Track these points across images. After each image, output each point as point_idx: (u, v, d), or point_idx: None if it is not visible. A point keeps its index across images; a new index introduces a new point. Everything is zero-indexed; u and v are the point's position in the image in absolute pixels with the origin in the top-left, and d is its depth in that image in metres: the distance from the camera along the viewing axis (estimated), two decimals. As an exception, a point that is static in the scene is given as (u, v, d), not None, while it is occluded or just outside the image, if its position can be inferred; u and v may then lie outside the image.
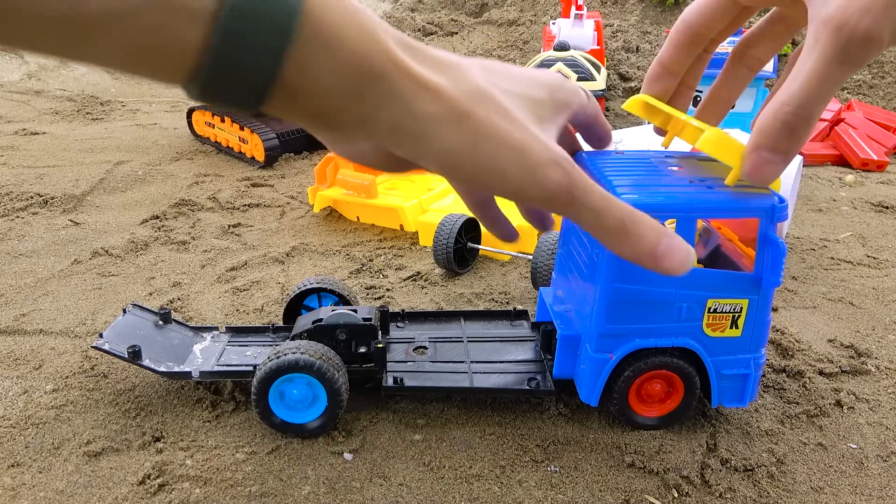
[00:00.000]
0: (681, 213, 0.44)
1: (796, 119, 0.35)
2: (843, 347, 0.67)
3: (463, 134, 0.31)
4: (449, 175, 0.32)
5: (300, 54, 0.26)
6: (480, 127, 0.31)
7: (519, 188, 0.33)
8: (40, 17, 0.22)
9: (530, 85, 0.36)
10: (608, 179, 0.45)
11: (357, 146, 0.31)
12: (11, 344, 0.68)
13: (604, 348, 0.49)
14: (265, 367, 0.51)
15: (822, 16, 0.32)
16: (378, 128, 0.29)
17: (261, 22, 0.24)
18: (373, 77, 0.28)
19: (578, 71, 1.39)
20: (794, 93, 0.35)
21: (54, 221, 1.03)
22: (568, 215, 0.36)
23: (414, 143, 0.30)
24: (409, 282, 0.82)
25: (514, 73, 0.36)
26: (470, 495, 0.48)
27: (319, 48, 0.26)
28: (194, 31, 0.24)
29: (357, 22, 0.27)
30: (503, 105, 0.32)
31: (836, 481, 0.49)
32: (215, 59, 0.24)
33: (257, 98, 0.26)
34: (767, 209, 0.45)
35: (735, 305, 0.48)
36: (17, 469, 0.50)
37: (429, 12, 2.45)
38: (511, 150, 0.32)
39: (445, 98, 0.30)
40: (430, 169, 0.32)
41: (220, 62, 0.24)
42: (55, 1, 0.21)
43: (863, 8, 0.30)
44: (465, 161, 0.31)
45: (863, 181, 1.25)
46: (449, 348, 0.60)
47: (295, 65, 0.26)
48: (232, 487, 0.48)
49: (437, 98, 0.29)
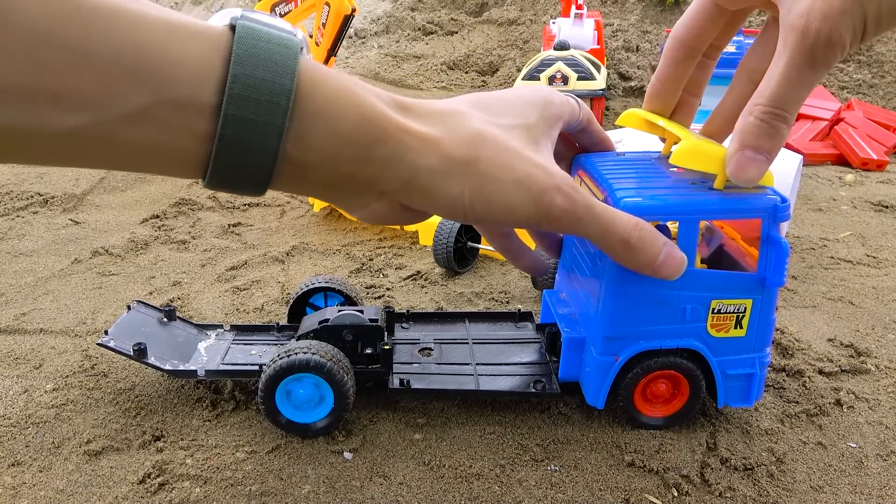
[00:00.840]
0: (683, 216, 0.44)
1: (774, 118, 0.36)
2: (843, 347, 0.67)
3: (468, 179, 0.32)
4: (462, 218, 0.34)
5: (300, 129, 0.27)
6: (483, 169, 0.32)
7: (528, 218, 0.34)
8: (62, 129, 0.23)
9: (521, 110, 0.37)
10: (608, 183, 0.45)
11: (373, 208, 0.33)
12: (11, 343, 0.68)
13: (609, 351, 0.49)
14: (274, 366, 0.51)
15: (788, 22, 0.33)
16: (388, 186, 0.31)
17: (258, 105, 0.25)
18: (373, 141, 0.29)
19: (578, 70, 1.39)
20: (768, 94, 0.36)
21: (54, 221, 1.03)
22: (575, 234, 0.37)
23: (423, 196, 0.32)
24: (409, 281, 0.82)
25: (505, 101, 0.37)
26: (470, 494, 0.48)
27: (318, 122, 0.28)
28: (202, 122, 0.25)
29: (350, 92, 0.29)
30: (501, 142, 0.33)
31: (835, 480, 0.50)
32: (222, 145, 0.26)
33: (266, 175, 0.27)
34: (770, 209, 0.45)
35: (739, 306, 0.48)
36: (17, 468, 0.50)
37: (429, 11, 2.45)
38: (515, 183, 0.33)
39: (446, 149, 0.31)
40: (443, 216, 0.34)
41: (227, 147, 0.26)
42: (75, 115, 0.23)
43: (822, 14, 0.31)
44: (475, 204, 0.32)
45: (863, 180, 1.25)
46: (454, 350, 0.60)
47: (296, 140, 0.27)
48: (232, 486, 0.48)
49: (438, 151, 0.31)
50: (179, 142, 0.25)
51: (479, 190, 0.32)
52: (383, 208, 0.32)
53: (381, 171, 0.30)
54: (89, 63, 0.22)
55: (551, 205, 0.34)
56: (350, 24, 1.45)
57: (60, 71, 0.22)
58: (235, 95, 0.25)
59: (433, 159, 0.30)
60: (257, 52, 0.25)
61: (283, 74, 0.26)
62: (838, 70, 1.83)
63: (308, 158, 0.28)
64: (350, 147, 0.28)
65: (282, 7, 1.48)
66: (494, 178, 0.32)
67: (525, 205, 0.33)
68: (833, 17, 0.31)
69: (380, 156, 0.29)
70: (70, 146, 0.24)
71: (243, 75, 0.25)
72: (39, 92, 0.22)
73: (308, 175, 0.29)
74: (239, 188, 0.27)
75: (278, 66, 0.26)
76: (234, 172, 0.26)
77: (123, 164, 0.26)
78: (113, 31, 0.22)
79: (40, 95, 0.22)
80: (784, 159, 0.84)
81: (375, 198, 0.32)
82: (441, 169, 0.31)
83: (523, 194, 0.33)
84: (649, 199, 0.43)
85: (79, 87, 0.22)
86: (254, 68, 0.25)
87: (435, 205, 0.32)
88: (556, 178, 0.34)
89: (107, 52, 0.22)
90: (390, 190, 0.31)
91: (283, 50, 0.26)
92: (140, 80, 0.23)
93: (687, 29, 0.43)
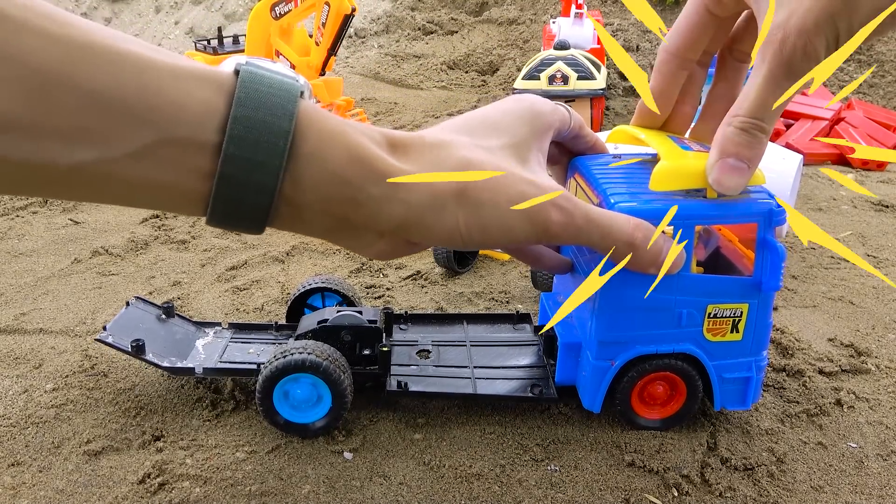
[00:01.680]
0: (679, 221, 0.44)
1: (753, 127, 0.37)
2: (843, 346, 0.67)
3: (461, 209, 0.33)
4: (463, 247, 0.34)
5: (296, 169, 0.28)
6: (474, 197, 0.33)
7: (527, 237, 0.34)
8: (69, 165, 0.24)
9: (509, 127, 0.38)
10: (603, 187, 0.45)
11: (376, 247, 0.33)
12: (11, 343, 0.68)
13: (605, 355, 0.49)
14: (271, 366, 0.51)
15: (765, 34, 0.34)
16: (383, 226, 0.32)
17: (258, 145, 0.26)
18: (363, 180, 0.30)
19: (578, 70, 1.39)
20: (748, 106, 0.37)
21: (54, 220, 1.03)
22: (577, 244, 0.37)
23: (420, 231, 0.32)
24: (409, 281, 0.82)
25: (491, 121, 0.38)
26: (470, 494, 0.48)
27: (311, 162, 0.28)
28: (204, 161, 0.26)
29: (342, 133, 0.29)
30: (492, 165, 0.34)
31: (836, 480, 0.49)
32: (222, 182, 0.27)
33: (264, 214, 0.28)
34: (765, 213, 0.45)
35: (735, 310, 0.48)
36: (17, 468, 0.50)
37: (429, 11, 2.45)
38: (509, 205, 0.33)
39: (437, 184, 0.32)
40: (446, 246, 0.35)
41: (226, 184, 0.27)
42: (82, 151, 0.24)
43: (797, 29, 0.32)
44: (472, 231, 0.33)
45: (863, 180, 1.25)
46: (452, 352, 0.60)
47: (293, 180, 0.28)
48: (232, 486, 0.48)
49: (429, 186, 0.31)
50: (181, 179, 0.26)
51: (474, 218, 0.33)
52: (387, 245, 0.33)
53: (376, 211, 0.31)
54: (96, 102, 0.23)
55: (548, 221, 0.34)
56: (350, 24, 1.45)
57: (68, 109, 0.23)
58: (236, 136, 0.26)
59: (424, 196, 0.31)
60: (258, 95, 0.26)
61: (281, 117, 0.27)
62: (839, 70, 1.83)
63: (303, 198, 0.29)
64: (342, 186, 0.29)
65: (282, 7, 1.47)
66: (487, 203, 0.33)
67: (522, 225, 0.34)
68: (807, 32, 0.32)
69: (372, 195, 0.30)
70: (75, 181, 0.25)
71: (244, 117, 0.26)
72: (47, 128, 0.23)
73: (304, 215, 0.30)
74: (238, 225, 0.28)
75: (278, 109, 0.27)
76: (233, 210, 0.27)
77: (126, 200, 0.27)
78: (119, 73, 0.24)
79: (48, 132, 0.23)
80: (784, 159, 0.84)
81: (376, 237, 0.32)
82: (433, 203, 0.32)
83: (518, 215, 0.34)
84: (643, 204, 0.43)
85: (85, 124, 0.23)
86: (254, 110, 0.26)
87: (434, 238, 0.33)
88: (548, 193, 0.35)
89: (113, 92, 0.23)
90: (388, 229, 0.32)
91: (283, 94, 0.27)
92: (144, 120, 0.24)
93: (680, 38, 0.43)
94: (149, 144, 0.25)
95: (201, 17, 2.90)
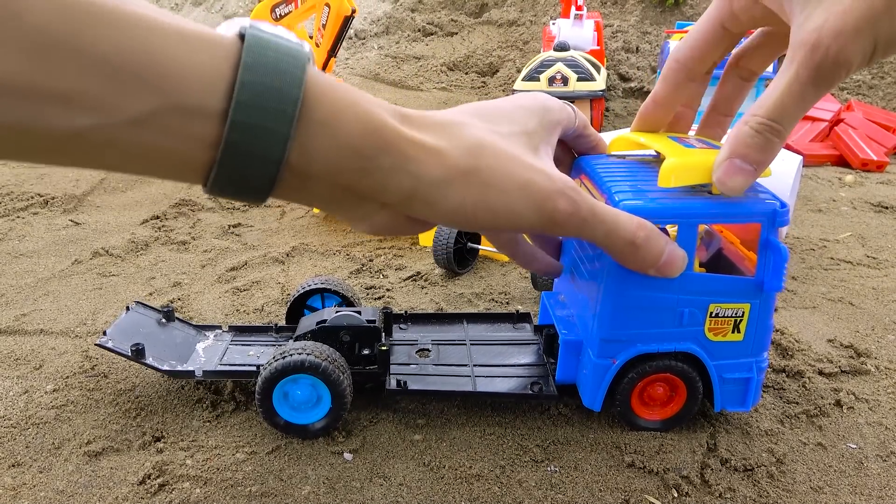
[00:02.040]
0: (682, 220, 0.44)
1: (769, 131, 0.36)
2: (843, 347, 0.67)
3: (470, 188, 0.32)
4: (466, 227, 0.34)
5: (305, 138, 0.27)
6: (484, 178, 0.32)
7: (532, 224, 0.34)
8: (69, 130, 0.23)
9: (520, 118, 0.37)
10: (607, 186, 0.45)
11: (375, 220, 0.33)
12: (12, 344, 0.68)
13: (606, 353, 0.49)
14: (270, 368, 0.51)
15: (798, 37, 0.33)
16: (390, 198, 0.31)
17: (265, 112, 0.25)
18: (376, 151, 0.29)
19: (578, 71, 1.39)
20: (768, 107, 0.36)
21: (55, 221, 1.03)
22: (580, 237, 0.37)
23: (426, 206, 0.32)
24: (409, 282, 0.82)
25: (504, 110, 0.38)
26: (470, 495, 0.48)
27: (322, 131, 0.28)
28: (209, 128, 0.25)
29: (354, 102, 0.29)
30: (501, 150, 0.33)
31: (835, 481, 0.50)
32: (227, 150, 0.26)
33: (269, 183, 0.27)
34: (769, 214, 0.45)
35: (737, 310, 0.48)
36: (17, 469, 0.50)
37: (429, 12, 2.45)
38: (517, 190, 0.33)
39: (447, 160, 0.31)
40: (447, 225, 0.34)
41: (232, 153, 0.26)
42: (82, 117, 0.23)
43: (834, 32, 0.31)
44: (478, 212, 0.32)
45: (862, 181, 1.25)
46: (452, 351, 0.60)
47: (301, 148, 0.27)
48: (232, 487, 0.48)
49: (439, 161, 0.31)
50: (183, 147, 0.25)
51: (482, 198, 0.32)
52: (385, 219, 0.32)
53: (384, 182, 0.30)
54: (98, 66, 0.22)
55: (555, 210, 0.34)
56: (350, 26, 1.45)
57: (69, 72, 0.22)
58: (243, 102, 0.25)
59: (435, 169, 0.31)
60: (266, 60, 0.25)
61: (290, 83, 0.26)
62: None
63: (311, 168, 0.28)
64: (353, 157, 0.28)
65: (282, 8, 1.47)
66: (496, 185, 0.33)
67: (528, 211, 0.34)
68: (845, 36, 0.30)
69: (382, 166, 0.29)
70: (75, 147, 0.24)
71: (251, 83, 0.25)
72: (47, 92, 0.22)
73: (310, 185, 0.29)
74: (241, 195, 0.27)
75: (286, 75, 0.26)
76: (237, 179, 0.26)
77: (126, 167, 0.26)
78: (123, 36, 0.23)
79: (48, 95, 0.22)
80: (784, 160, 0.84)
81: (377, 209, 0.32)
82: (443, 179, 0.31)
83: (526, 200, 0.33)
84: (648, 202, 0.43)
85: (87, 89, 0.22)
86: (262, 76, 0.25)
87: (438, 214, 0.32)
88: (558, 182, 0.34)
89: (116, 55, 0.22)
90: (393, 201, 0.31)
91: (291, 59, 0.26)
92: (148, 85, 0.23)
93: (691, 51, 0.43)
94: (152, 110, 0.24)
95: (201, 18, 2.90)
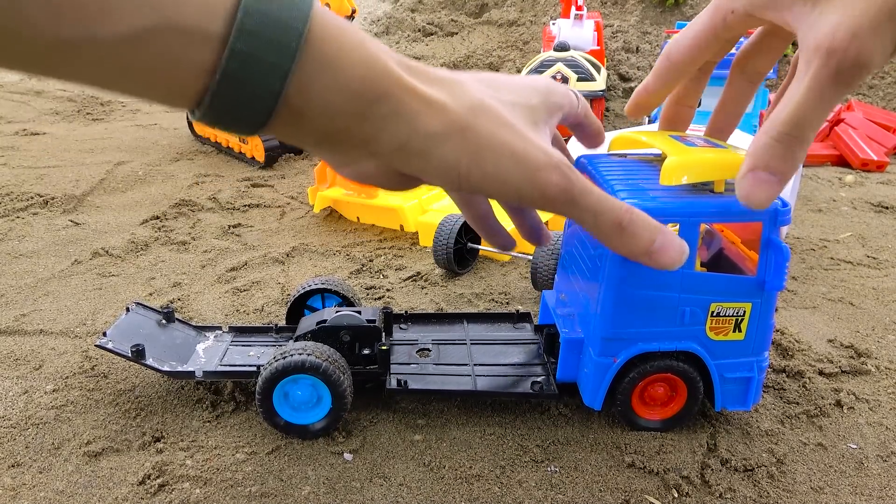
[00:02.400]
0: (683, 218, 0.44)
1: (791, 139, 0.35)
2: (843, 347, 0.67)
3: (465, 146, 0.31)
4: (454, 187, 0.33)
5: (305, 75, 0.26)
6: (481, 138, 0.32)
7: (521, 193, 0.33)
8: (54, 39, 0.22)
9: (524, 92, 0.37)
10: (609, 184, 0.45)
11: (362, 167, 0.32)
12: (11, 344, 0.68)
13: (607, 352, 0.49)
14: (271, 368, 0.51)
15: (812, 41, 0.32)
16: (382, 147, 0.30)
17: (268, 44, 0.24)
18: (376, 96, 0.28)
19: (578, 71, 1.39)
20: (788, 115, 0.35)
21: (55, 222, 1.03)
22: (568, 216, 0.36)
23: (419, 160, 0.31)
24: (409, 282, 0.82)
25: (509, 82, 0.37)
26: (470, 495, 0.48)
27: (324, 69, 0.27)
28: (206, 53, 0.24)
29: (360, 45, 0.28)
30: (501, 115, 0.33)
31: (836, 481, 0.49)
32: (224, 80, 0.25)
33: (264, 117, 0.26)
34: (770, 213, 0.45)
35: (738, 309, 0.48)
36: (17, 469, 0.50)
37: (429, 13, 2.45)
38: (512, 157, 0.32)
39: (447, 113, 0.30)
40: (435, 183, 0.33)
41: (229, 83, 0.25)
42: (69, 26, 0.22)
43: (851, 33, 0.30)
44: (470, 172, 0.32)
45: (863, 181, 1.25)
46: (452, 351, 0.60)
47: (300, 85, 0.26)
48: (232, 487, 0.48)
49: (439, 113, 0.30)
50: (176, 71, 0.24)
51: (476, 159, 0.31)
52: (374, 169, 0.31)
53: (379, 130, 0.29)
54: None
55: (547, 182, 0.33)
56: (350, 26, 1.45)
57: None
58: (246, 30, 0.24)
59: (433, 122, 0.30)
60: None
61: (296, 17, 0.25)
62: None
63: (307, 106, 0.27)
64: (352, 100, 0.27)
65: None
66: (491, 148, 0.32)
67: (521, 180, 0.33)
68: (863, 35, 0.29)
69: (380, 113, 0.28)
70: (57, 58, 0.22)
71: (256, 10, 0.24)
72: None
73: (303, 123, 0.28)
74: (233, 126, 0.26)
75: (292, 8, 0.25)
76: (231, 109, 0.25)
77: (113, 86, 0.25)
78: None
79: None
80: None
81: (367, 156, 0.31)
82: (439, 133, 0.30)
83: (520, 169, 0.32)
84: (650, 201, 0.44)
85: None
86: (268, 4, 0.24)
87: (429, 169, 0.31)
88: (554, 157, 0.34)
89: None
90: (384, 151, 0.30)
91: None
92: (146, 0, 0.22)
93: (681, 51, 0.43)
94: (147, 28, 0.22)
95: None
